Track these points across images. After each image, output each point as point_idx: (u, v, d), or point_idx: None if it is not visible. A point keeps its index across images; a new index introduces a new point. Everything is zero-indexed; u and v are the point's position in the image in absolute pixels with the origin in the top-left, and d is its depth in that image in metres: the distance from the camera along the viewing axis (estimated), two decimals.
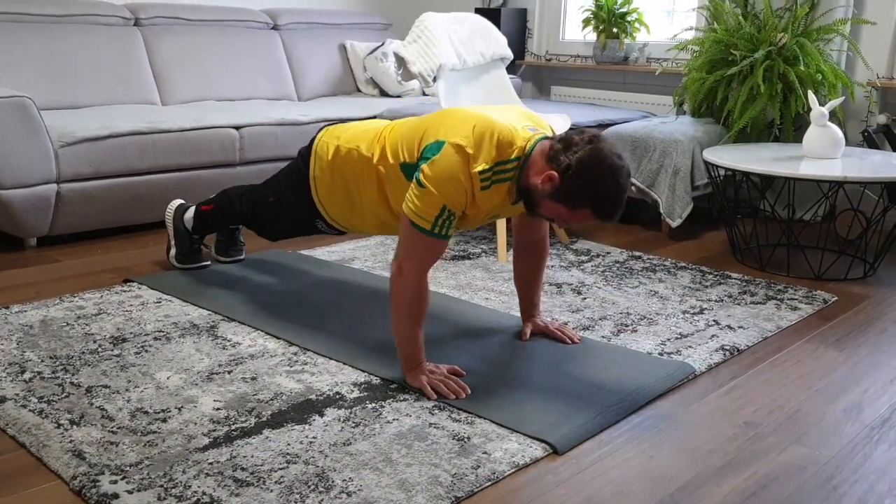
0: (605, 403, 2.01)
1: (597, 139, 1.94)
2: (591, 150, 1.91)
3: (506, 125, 2.03)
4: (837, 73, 3.64)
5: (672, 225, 3.59)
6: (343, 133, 2.37)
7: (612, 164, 1.91)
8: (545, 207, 2.00)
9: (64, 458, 1.69)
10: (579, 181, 1.91)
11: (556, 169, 1.93)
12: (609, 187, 1.92)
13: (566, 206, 1.95)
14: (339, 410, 1.94)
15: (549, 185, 1.94)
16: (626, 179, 1.94)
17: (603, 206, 1.94)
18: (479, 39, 3.57)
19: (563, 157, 1.92)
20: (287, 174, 2.54)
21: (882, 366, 2.32)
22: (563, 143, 1.95)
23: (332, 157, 2.34)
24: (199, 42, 4.27)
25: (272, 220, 2.64)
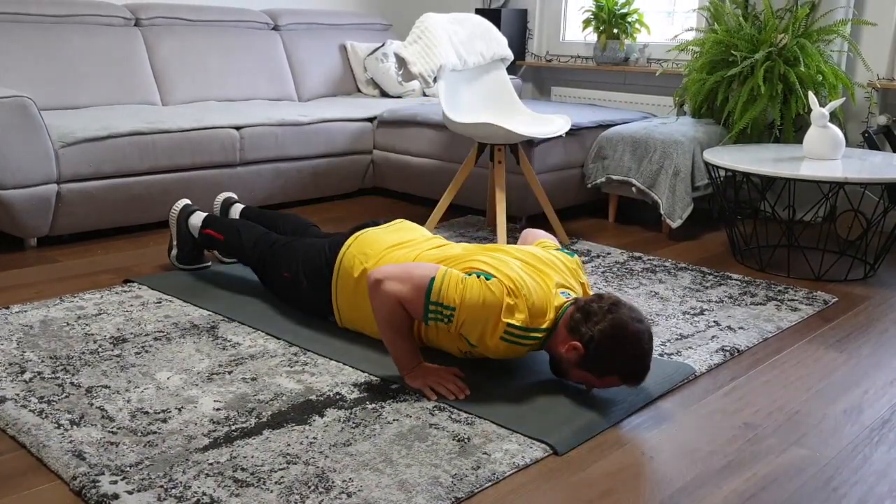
0: (605, 404, 2.01)
1: (615, 307, 1.94)
2: (612, 321, 1.92)
3: (545, 293, 2.02)
4: (838, 74, 3.64)
5: (672, 226, 3.59)
6: (373, 253, 2.29)
7: (634, 330, 1.92)
8: (573, 374, 2.02)
9: (64, 459, 1.69)
10: (603, 353, 1.92)
11: (579, 340, 1.94)
12: (633, 355, 1.93)
13: (594, 375, 1.97)
14: (340, 411, 1.94)
15: (574, 355, 1.96)
16: (650, 342, 1.94)
17: (630, 374, 1.95)
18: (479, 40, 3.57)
19: (584, 328, 1.93)
20: (307, 262, 2.42)
21: (882, 367, 2.32)
22: (583, 314, 1.95)
23: (357, 277, 2.28)
24: (200, 42, 4.28)
25: (282, 291, 2.54)
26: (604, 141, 3.82)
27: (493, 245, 2.23)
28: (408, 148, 4.08)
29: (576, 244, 3.48)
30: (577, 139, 3.85)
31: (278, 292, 2.58)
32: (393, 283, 2.00)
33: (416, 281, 2.00)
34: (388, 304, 2.01)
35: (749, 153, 3.35)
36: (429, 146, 3.99)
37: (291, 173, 3.92)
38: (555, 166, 3.77)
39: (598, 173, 3.83)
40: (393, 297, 2.00)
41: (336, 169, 4.10)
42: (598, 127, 3.95)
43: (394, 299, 2.00)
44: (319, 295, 2.40)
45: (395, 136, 4.13)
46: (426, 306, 1.99)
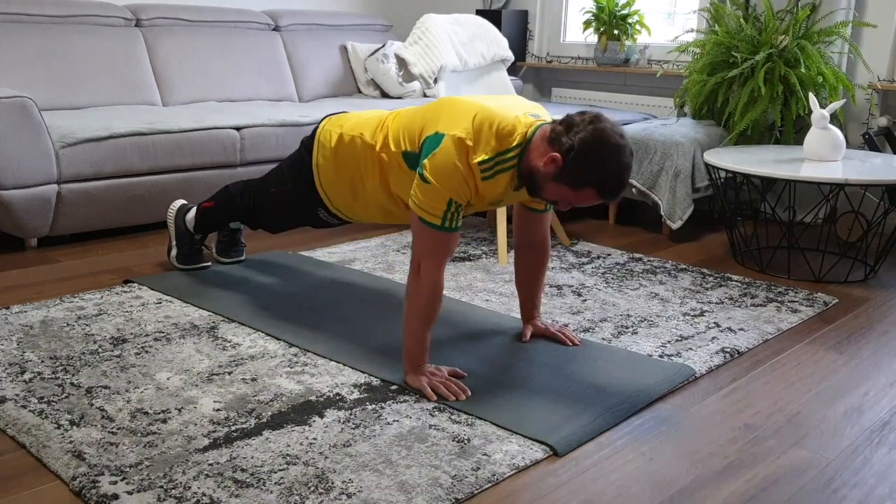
0: (606, 406, 2.01)
1: (598, 119, 1.94)
2: (594, 130, 1.91)
3: (506, 115, 2.03)
4: (838, 76, 3.64)
5: (672, 227, 3.59)
6: (346, 121, 2.37)
7: (615, 142, 1.92)
8: (548, 190, 2.00)
9: (64, 459, 1.69)
10: (583, 161, 1.91)
11: (558, 150, 1.93)
12: (613, 166, 1.92)
13: (570, 186, 1.96)
14: (340, 412, 1.94)
15: (552, 167, 1.94)
16: (629, 158, 1.94)
17: (607, 185, 1.94)
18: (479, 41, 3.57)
19: (566, 138, 1.93)
20: (289, 164, 2.54)
21: (883, 368, 2.32)
22: (565, 125, 1.96)
23: (335, 144, 2.34)
24: (200, 43, 4.28)
25: (274, 211, 2.63)
26: None
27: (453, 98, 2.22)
28: None
29: (576, 245, 3.48)
30: None
31: (271, 218, 2.65)
32: (422, 262, 2.02)
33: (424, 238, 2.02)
34: (431, 284, 2.02)
35: (749, 154, 3.35)
36: None
37: None
38: None
39: None
40: (434, 269, 2.02)
41: None
42: None
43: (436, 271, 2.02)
44: (304, 186, 2.44)
45: None
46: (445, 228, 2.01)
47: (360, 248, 3.35)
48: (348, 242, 3.44)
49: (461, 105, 2.07)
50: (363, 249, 3.33)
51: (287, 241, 3.45)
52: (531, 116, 2.07)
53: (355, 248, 3.34)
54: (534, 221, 2.33)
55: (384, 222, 2.44)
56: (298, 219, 2.61)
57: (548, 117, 2.14)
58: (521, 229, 2.36)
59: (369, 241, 3.47)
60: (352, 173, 2.33)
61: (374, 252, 3.30)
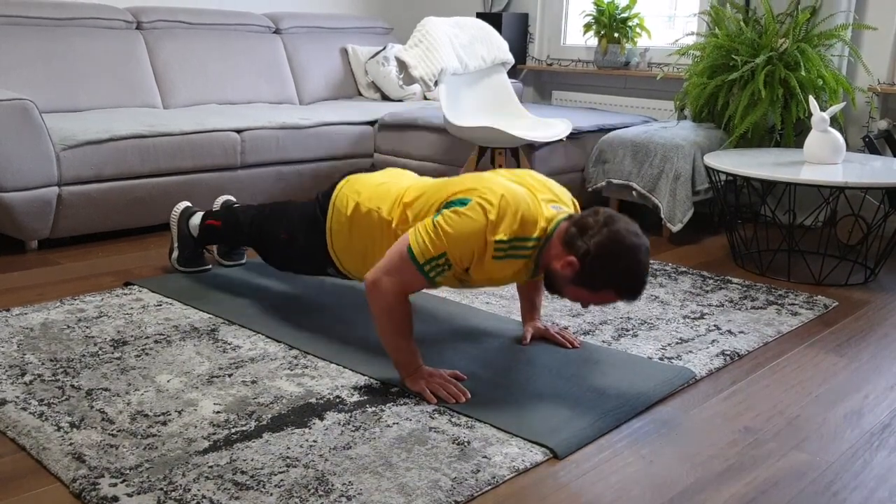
0: (606, 408, 2.01)
1: (612, 220, 1.93)
2: (609, 233, 1.90)
3: (531, 203, 2.01)
4: (838, 79, 3.65)
5: (673, 230, 3.59)
6: (364, 189, 2.32)
7: (631, 244, 1.90)
8: (568, 291, 2.00)
9: (64, 461, 1.69)
10: (600, 266, 1.91)
11: (574, 254, 1.93)
12: (630, 268, 1.91)
13: (589, 290, 1.96)
14: (340, 414, 1.94)
15: (569, 271, 1.94)
16: (646, 256, 1.93)
17: (627, 287, 1.94)
18: (480, 44, 3.57)
19: (581, 241, 1.92)
20: (302, 216, 2.47)
21: (883, 371, 2.32)
22: (579, 227, 1.94)
23: (351, 213, 2.30)
24: (201, 46, 4.28)
25: (281, 255, 2.58)
26: (604, 145, 3.83)
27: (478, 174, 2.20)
28: (409, 151, 4.08)
29: None
30: (577, 143, 3.85)
31: (278, 260, 2.60)
32: (385, 277, 2.00)
33: (400, 260, 1.99)
34: (389, 299, 2.00)
35: (750, 157, 3.35)
36: (430, 150, 3.99)
37: (292, 176, 3.92)
38: (555, 170, 3.77)
39: (599, 177, 3.83)
40: (392, 289, 2.00)
41: (337, 172, 4.10)
42: (599, 131, 3.96)
43: (393, 291, 2.00)
44: (316, 245, 2.41)
45: (396, 140, 4.13)
46: (423, 271, 1.98)
47: None
48: None
49: (489, 181, 2.04)
50: None
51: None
52: (552, 208, 2.05)
53: None
54: None
55: None
56: (306, 269, 2.56)
57: (567, 202, 2.15)
58: None
59: None
60: (365, 244, 2.29)
61: None
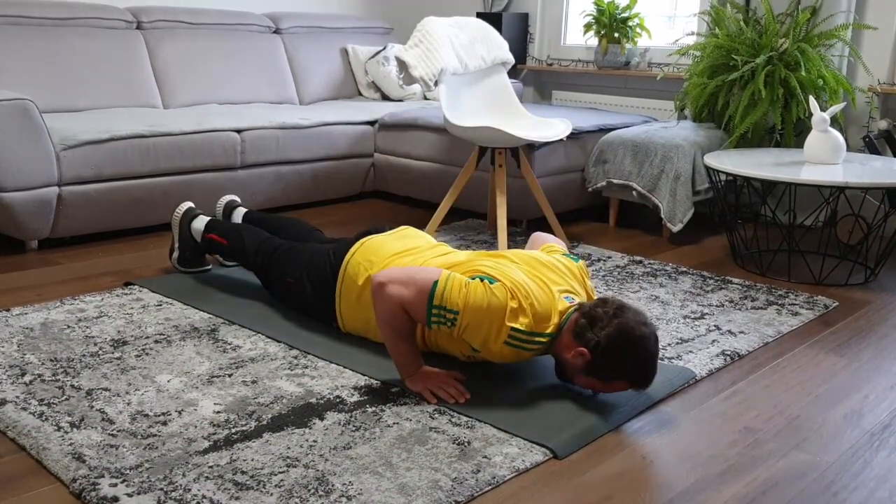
0: (606, 408, 2.01)
1: (620, 311, 1.94)
2: (618, 326, 1.92)
3: (546, 297, 2.02)
4: (839, 79, 3.65)
5: (673, 230, 3.59)
6: (377, 260, 2.30)
7: (640, 335, 1.92)
8: (579, 380, 2.01)
9: (64, 461, 1.69)
10: (610, 358, 1.92)
11: (585, 346, 1.94)
12: (640, 359, 1.93)
13: (600, 380, 1.97)
14: (340, 414, 1.94)
15: (580, 362, 1.96)
16: (656, 345, 1.95)
17: (637, 377, 1.95)
18: (480, 44, 3.57)
19: (590, 334, 1.93)
20: (312, 268, 2.43)
21: (883, 371, 2.32)
22: (588, 319, 1.95)
23: (362, 285, 2.29)
24: (201, 46, 4.28)
25: (284, 294, 2.55)
26: (605, 145, 3.83)
27: (496, 252, 2.23)
28: (409, 151, 4.08)
29: (576, 248, 3.48)
30: (577, 143, 3.85)
31: (281, 297, 2.58)
32: (396, 286, 2.00)
33: (419, 285, 1.99)
34: (390, 307, 2.00)
35: (750, 157, 3.35)
36: (430, 150, 3.99)
37: (292, 176, 3.92)
38: (556, 170, 3.77)
39: (599, 177, 3.83)
40: (396, 300, 1.99)
41: (337, 172, 4.10)
42: (599, 131, 3.95)
43: (396, 302, 2.00)
44: (323, 301, 2.40)
45: (396, 140, 4.13)
46: (429, 310, 1.98)
47: None
48: None
49: (512, 273, 2.04)
50: None
51: None
52: (566, 300, 2.07)
53: None
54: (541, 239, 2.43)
55: None
56: (310, 314, 2.52)
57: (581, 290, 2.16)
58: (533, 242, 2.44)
59: None
60: (371, 313, 2.27)
61: None
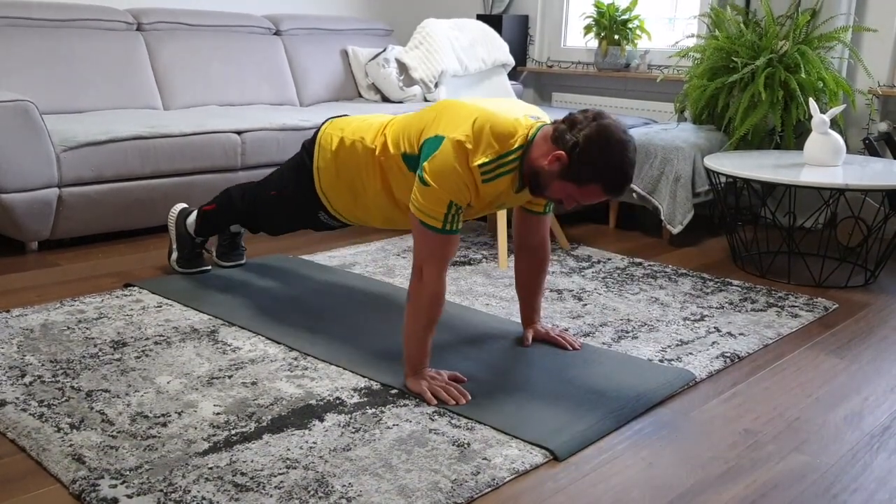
0: (606, 410, 2.01)
1: (601, 116, 1.95)
2: (598, 127, 1.92)
3: (506, 117, 2.03)
4: (838, 81, 3.65)
5: (673, 231, 3.59)
6: (347, 125, 2.38)
7: (620, 138, 1.93)
8: (553, 188, 2.00)
9: (64, 462, 1.69)
10: (588, 157, 1.92)
11: (562, 148, 1.94)
12: (618, 161, 1.93)
13: (575, 183, 1.96)
14: (340, 416, 1.94)
15: (556, 165, 1.95)
16: (634, 154, 1.95)
17: (613, 180, 1.95)
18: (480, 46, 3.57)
19: (570, 135, 1.93)
20: (290, 167, 2.55)
21: (883, 374, 2.32)
22: (568, 123, 1.96)
23: (336, 148, 2.35)
24: (202, 47, 4.28)
25: (274, 213, 2.64)
26: None
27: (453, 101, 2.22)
28: None
29: (576, 249, 3.48)
30: None
31: (270, 222, 2.66)
32: (423, 265, 2.02)
33: (425, 241, 2.02)
34: (435, 283, 2.01)
35: (750, 159, 3.36)
36: None
37: None
38: None
39: None
40: (436, 270, 2.02)
41: None
42: None
43: (438, 274, 2.02)
44: (304, 189, 2.44)
45: None
46: (446, 231, 2.00)
47: (361, 252, 3.35)
48: (349, 246, 3.44)
49: (461, 108, 2.07)
50: (364, 253, 3.34)
51: (287, 244, 3.45)
52: (531, 118, 2.07)
53: (356, 252, 3.35)
54: (533, 224, 2.33)
55: (383, 227, 2.45)
56: (299, 221, 2.62)
57: (547, 119, 2.15)
58: (521, 232, 2.36)
59: (370, 245, 3.47)
60: (352, 177, 2.33)
61: (375, 256, 3.30)
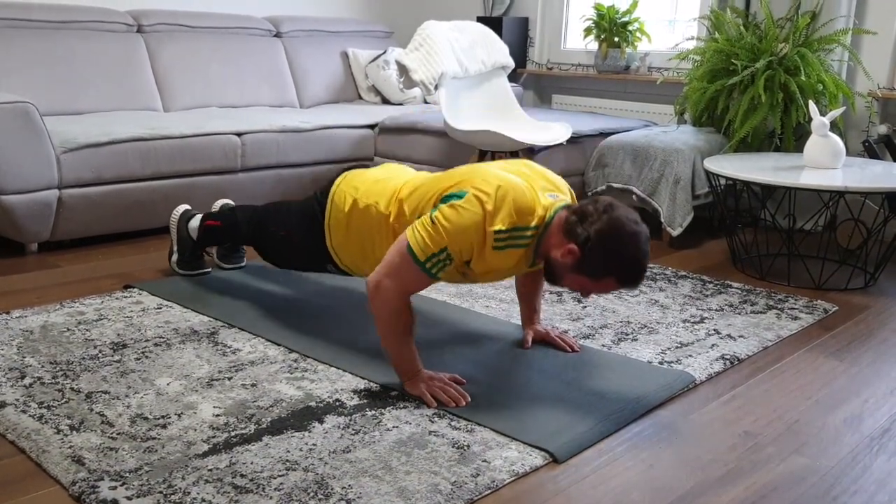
0: (605, 412, 2.01)
1: (611, 208, 1.93)
2: (609, 220, 1.91)
3: (528, 191, 2.00)
4: (838, 84, 3.65)
5: (672, 234, 3.59)
6: (362, 184, 2.33)
7: (631, 230, 1.91)
8: (568, 280, 2.00)
9: (63, 464, 1.69)
10: (600, 253, 1.91)
11: (574, 242, 1.93)
12: (631, 255, 1.92)
13: (590, 278, 1.96)
14: (339, 417, 1.94)
15: (570, 258, 1.94)
16: (646, 243, 1.94)
17: (627, 274, 1.94)
18: (480, 48, 3.58)
19: (580, 229, 1.92)
20: (300, 213, 2.48)
21: (882, 376, 2.32)
22: (579, 215, 1.94)
23: (349, 209, 2.31)
24: (202, 49, 4.29)
25: (280, 252, 2.59)
26: (604, 149, 3.83)
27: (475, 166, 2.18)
28: (409, 155, 4.09)
29: None
30: (577, 147, 3.85)
31: (277, 257, 2.61)
32: (385, 279, 1.99)
33: (399, 261, 1.98)
34: (391, 303, 1.99)
35: (749, 162, 3.36)
36: (430, 153, 3.99)
37: (293, 180, 3.92)
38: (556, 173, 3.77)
39: (599, 181, 3.83)
40: (394, 292, 1.99)
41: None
42: (599, 135, 3.96)
43: (396, 294, 1.99)
44: (314, 241, 2.41)
45: (397, 143, 4.14)
46: (424, 269, 1.97)
47: None
48: None
49: (484, 172, 2.04)
50: None
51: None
52: (549, 197, 2.05)
53: None
54: None
55: None
56: (305, 266, 2.57)
57: (565, 192, 2.14)
58: None
59: None
60: (363, 238, 2.30)
61: None
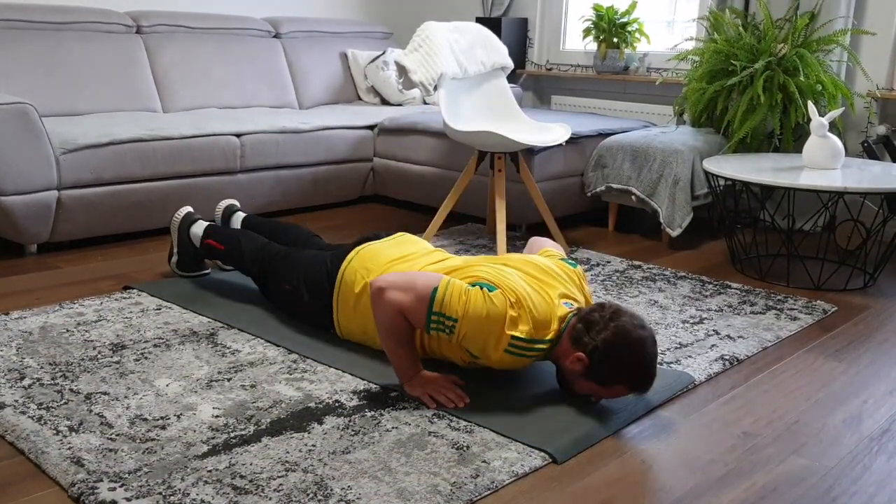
0: (605, 413, 2.01)
1: (616, 315, 1.95)
2: (615, 329, 1.92)
3: (545, 302, 2.02)
4: (837, 84, 3.65)
5: (672, 234, 3.60)
6: (374, 267, 2.30)
7: (637, 337, 1.92)
8: (579, 386, 2.01)
9: (62, 465, 1.69)
10: (608, 362, 1.92)
11: (583, 350, 1.94)
12: (638, 362, 1.93)
13: (599, 385, 1.97)
14: (339, 418, 1.94)
15: (579, 366, 1.96)
16: (654, 348, 1.95)
17: (636, 381, 1.95)
18: (479, 48, 3.58)
19: (587, 338, 1.94)
20: (309, 274, 2.43)
21: (882, 376, 2.32)
22: (585, 324, 1.96)
23: (358, 291, 2.29)
24: (201, 50, 4.29)
25: (283, 302, 2.55)
26: (604, 150, 3.83)
27: (494, 256, 2.23)
28: (408, 156, 4.09)
29: (575, 252, 3.48)
30: (576, 148, 3.85)
31: (279, 304, 2.58)
32: (395, 292, 2.00)
33: (419, 290, 1.99)
34: (390, 312, 2.00)
35: (749, 162, 3.36)
36: (429, 154, 3.99)
37: (292, 181, 3.92)
38: (555, 175, 3.77)
39: (598, 182, 3.84)
40: (395, 305, 1.99)
41: (336, 176, 4.11)
42: (598, 135, 3.96)
43: (396, 308, 2.00)
44: (320, 308, 2.40)
45: (396, 144, 4.14)
46: (428, 317, 1.98)
47: None
48: None
49: (511, 281, 2.03)
50: None
51: None
52: (565, 305, 2.07)
53: None
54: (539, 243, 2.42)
55: None
56: (306, 321, 2.52)
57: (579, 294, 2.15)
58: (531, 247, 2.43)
59: None
60: (367, 321, 2.28)
61: None
